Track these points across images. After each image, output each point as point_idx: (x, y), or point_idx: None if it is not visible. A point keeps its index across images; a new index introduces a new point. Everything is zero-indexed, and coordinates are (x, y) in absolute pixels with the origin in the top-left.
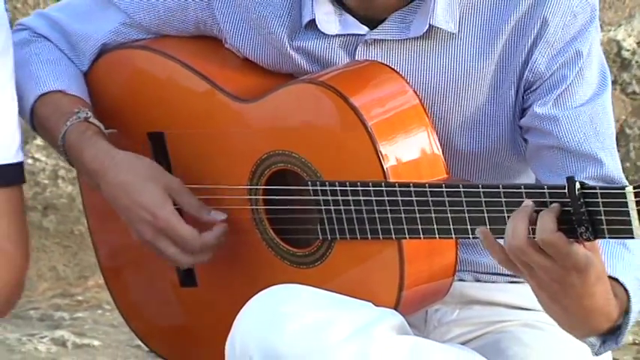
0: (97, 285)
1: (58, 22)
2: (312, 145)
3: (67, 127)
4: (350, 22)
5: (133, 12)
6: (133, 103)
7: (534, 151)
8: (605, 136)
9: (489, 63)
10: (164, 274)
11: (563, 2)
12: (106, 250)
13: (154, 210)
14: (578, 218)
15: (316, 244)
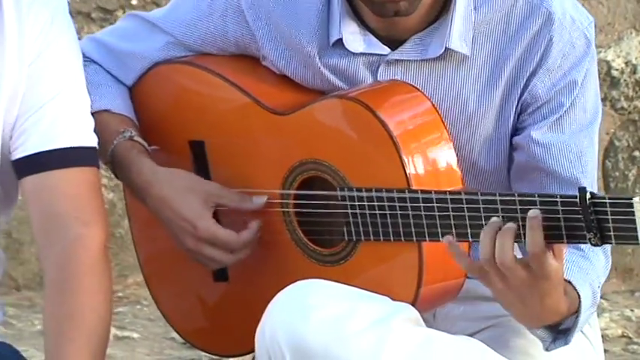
0: (135, 283)
1: (107, 44)
2: (342, 154)
3: (114, 145)
4: (373, 42)
5: (178, 33)
6: (176, 114)
7: (520, 170)
8: (589, 164)
9: (499, 85)
10: (198, 271)
11: (564, 34)
12: (146, 251)
13: (194, 221)
14: (588, 225)
15: (342, 244)
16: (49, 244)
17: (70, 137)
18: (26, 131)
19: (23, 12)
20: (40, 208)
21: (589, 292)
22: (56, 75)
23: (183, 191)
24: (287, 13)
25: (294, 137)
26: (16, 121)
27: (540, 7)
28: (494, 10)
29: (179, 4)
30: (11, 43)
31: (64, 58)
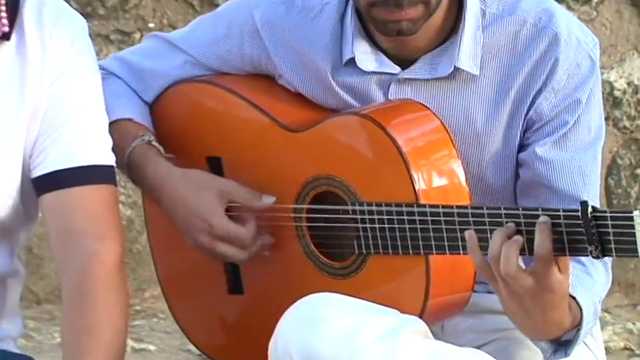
0: (152, 296)
1: (129, 62)
2: (353, 169)
3: (131, 147)
4: (385, 62)
5: (196, 53)
6: (194, 131)
7: (525, 186)
8: (591, 183)
9: (506, 103)
10: (214, 284)
11: (569, 54)
12: (165, 266)
13: (209, 218)
14: (590, 238)
15: (352, 257)
16: (66, 259)
17: (89, 156)
18: (46, 149)
19: (45, 34)
20: (58, 224)
21: (591, 307)
22: (76, 95)
23: (198, 189)
24: (301, 33)
25: (307, 153)
26: (36, 139)
27: (547, 29)
28: (503, 31)
29: (198, 25)
30: (34, 65)
31: (83, 79)
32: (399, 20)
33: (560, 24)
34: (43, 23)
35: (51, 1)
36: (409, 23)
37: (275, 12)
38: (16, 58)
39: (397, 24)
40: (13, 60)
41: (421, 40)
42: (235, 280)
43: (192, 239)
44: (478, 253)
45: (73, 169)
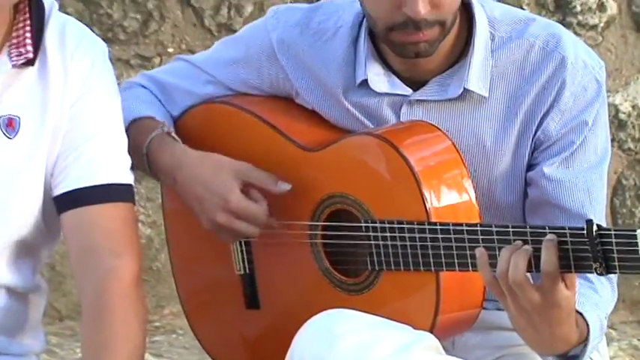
0: (171, 313)
1: (156, 78)
2: (367, 188)
3: (151, 136)
4: (397, 83)
5: (217, 74)
6: (214, 150)
7: (533, 204)
8: (598, 201)
9: (514, 124)
10: (232, 299)
11: (576, 77)
12: (185, 281)
13: (226, 195)
14: (594, 255)
15: (365, 274)
16: (85, 276)
17: (107, 174)
18: (66, 168)
19: (67, 58)
20: (77, 241)
21: (597, 324)
22: (95, 116)
23: (214, 168)
24: (316, 55)
25: (322, 172)
26: (57, 159)
27: (554, 52)
28: (511, 54)
29: (219, 48)
30: (55, 88)
31: (103, 101)
32: (417, 42)
33: (567, 47)
34: (65, 47)
35: (72, 26)
36: (426, 45)
37: (290, 34)
38: (38, 82)
39: (415, 46)
40: (35, 84)
41: (432, 62)
42: (252, 296)
43: (208, 218)
44: (488, 270)
45: (91, 187)
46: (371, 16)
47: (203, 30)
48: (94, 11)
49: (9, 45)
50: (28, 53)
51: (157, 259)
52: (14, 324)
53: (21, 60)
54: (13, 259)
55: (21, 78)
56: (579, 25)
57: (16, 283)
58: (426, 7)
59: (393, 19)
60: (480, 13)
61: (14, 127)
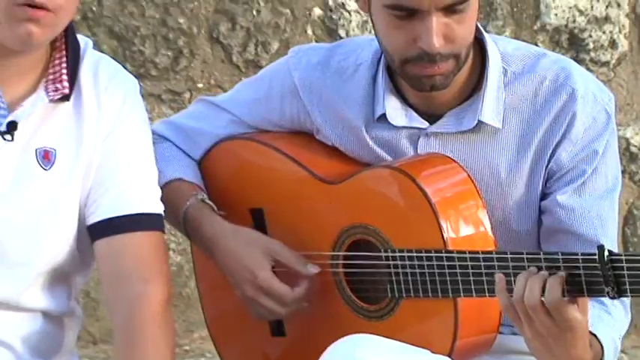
0: (200, 337)
1: (178, 124)
2: (386, 218)
3: (187, 205)
4: (414, 117)
5: (240, 113)
6: (239, 184)
7: (549, 232)
8: (610, 227)
9: (527, 155)
10: (258, 326)
11: (586, 109)
12: (213, 311)
13: (256, 271)
14: (606, 280)
15: (385, 301)
16: (116, 301)
17: (138, 204)
18: (99, 199)
19: (100, 93)
20: (109, 268)
21: (611, 345)
22: (127, 149)
23: (247, 244)
24: (337, 91)
25: (343, 204)
26: (90, 189)
27: (565, 85)
28: (523, 88)
29: (241, 88)
30: (89, 122)
31: (134, 134)
32: (433, 75)
33: (577, 81)
34: (98, 83)
35: (105, 63)
36: (442, 78)
37: (312, 73)
38: (73, 116)
39: (431, 79)
40: (71, 118)
41: (447, 96)
42: (278, 324)
43: (240, 291)
44: (505, 295)
45: (123, 216)
46: (387, 50)
47: (231, 66)
48: (127, 48)
49: (46, 80)
50: (64, 89)
51: (186, 286)
52: (50, 347)
53: (57, 95)
54: (48, 284)
55: (57, 112)
56: (592, 62)
57: (51, 307)
58: (440, 42)
59: (408, 53)
60: (492, 49)
61: (50, 159)
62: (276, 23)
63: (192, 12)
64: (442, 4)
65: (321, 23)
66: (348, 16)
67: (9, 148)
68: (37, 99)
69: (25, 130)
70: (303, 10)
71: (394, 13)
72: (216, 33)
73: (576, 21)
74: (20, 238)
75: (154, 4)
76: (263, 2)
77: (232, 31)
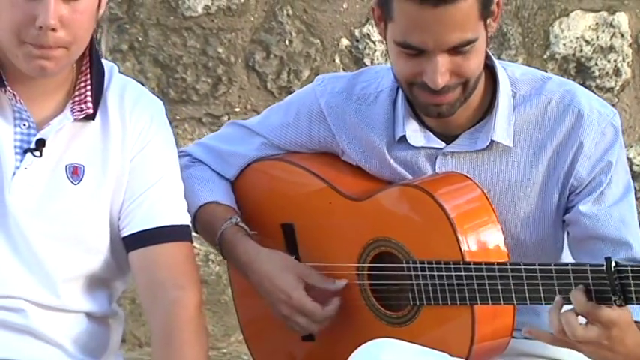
0: (237, 341)
1: (212, 147)
2: (407, 232)
3: (222, 229)
4: (432, 138)
5: (271, 136)
6: (270, 202)
7: (577, 241)
8: (632, 226)
9: (538, 170)
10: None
11: (593, 126)
12: (246, 316)
13: (289, 292)
14: (613, 288)
15: (407, 308)
16: (153, 307)
17: (167, 217)
18: (131, 213)
19: (126, 116)
20: (145, 276)
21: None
22: (154, 167)
23: (281, 268)
24: (360, 117)
25: (367, 219)
26: (122, 204)
27: (570, 106)
28: (531, 109)
29: (270, 113)
30: (115, 141)
31: (160, 153)
32: (439, 104)
33: (581, 101)
34: (124, 106)
35: (132, 87)
36: (448, 106)
37: (337, 100)
38: (100, 135)
39: (438, 107)
40: (98, 137)
41: (461, 118)
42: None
43: (276, 310)
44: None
45: (154, 229)
46: (396, 76)
47: (266, 92)
48: (171, 75)
49: (72, 102)
50: (88, 109)
51: (224, 293)
52: (97, 346)
53: (82, 115)
54: (88, 288)
55: (85, 131)
56: (597, 88)
57: (94, 309)
58: (445, 78)
59: (414, 79)
60: (502, 75)
61: (79, 174)
62: (307, 53)
63: (230, 42)
64: (446, 47)
65: (348, 53)
66: (373, 46)
67: (39, 165)
68: (63, 118)
69: (54, 147)
70: (332, 40)
71: (403, 50)
72: (252, 62)
73: (583, 50)
74: (53, 246)
75: (195, 35)
76: (295, 33)
77: (267, 60)
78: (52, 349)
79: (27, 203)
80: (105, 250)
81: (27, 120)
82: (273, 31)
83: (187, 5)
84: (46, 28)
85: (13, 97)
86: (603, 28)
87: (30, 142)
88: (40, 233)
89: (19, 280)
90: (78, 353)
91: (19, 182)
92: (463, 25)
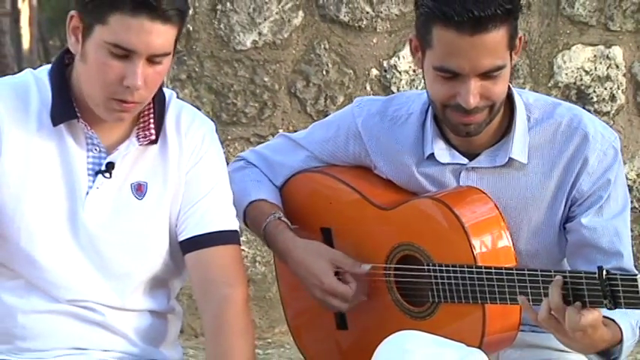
0: (280, 332)
1: (264, 155)
2: (428, 238)
3: (266, 222)
4: (456, 155)
5: (314, 150)
6: (311, 208)
7: (576, 247)
8: (625, 239)
9: (549, 185)
10: (326, 322)
11: (598, 146)
12: (291, 307)
13: (322, 278)
14: (604, 294)
15: (427, 304)
16: (205, 302)
17: (218, 223)
18: (186, 220)
19: (182, 136)
20: (198, 275)
21: (628, 326)
22: (206, 179)
23: (315, 256)
24: (392, 136)
25: (395, 226)
26: (179, 213)
27: (578, 129)
28: (544, 130)
29: (315, 129)
30: (173, 159)
31: (212, 167)
32: (469, 124)
33: (587, 125)
34: (180, 127)
35: (186, 110)
36: (476, 126)
37: (372, 120)
38: (160, 156)
39: (467, 127)
40: (158, 157)
41: (483, 138)
42: (342, 319)
43: (310, 293)
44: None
45: (206, 234)
46: (431, 98)
47: (305, 115)
48: (223, 101)
49: (137, 129)
50: (151, 136)
51: (269, 290)
52: (157, 336)
53: (146, 141)
54: (149, 289)
55: (147, 154)
56: (595, 112)
57: (154, 307)
58: (476, 100)
59: (448, 102)
60: (518, 100)
61: (142, 190)
62: (341, 81)
63: (275, 72)
64: (480, 71)
65: (377, 81)
66: (399, 76)
67: (108, 184)
68: (129, 144)
69: (121, 168)
70: (363, 70)
71: (440, 74)
72: (294, 89)
73: (583, 79)
74: (122, 254)
75: (244, 65)
76: (331, 64)
77: (306, 88)
78: (118, 339)
79: (98, 218)
80: (165, 253)
81: (98, 145)
82: (312, 63)
83: (238, 40)
84: (133, 88)
85: (85, 127)
86: (600, 60)
87: (101, 164)
88: (110, 244)
89: (92, 285)
90: (140, 343)
91: (91, 200)
92: (495, 52)
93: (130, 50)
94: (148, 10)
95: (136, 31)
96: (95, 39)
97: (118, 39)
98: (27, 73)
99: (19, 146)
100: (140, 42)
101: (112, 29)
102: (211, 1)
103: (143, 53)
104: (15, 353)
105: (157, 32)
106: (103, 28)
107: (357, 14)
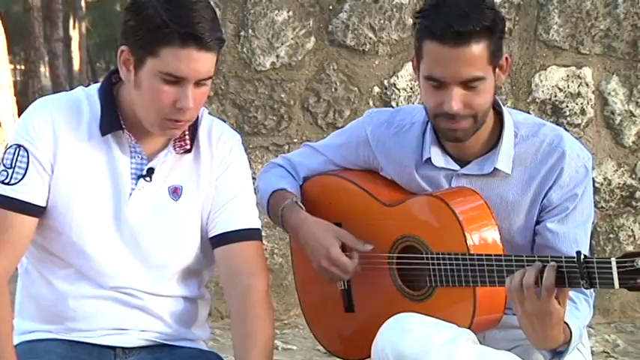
0: (295, 314)
1: (289, 159)
2: (427, 230)
3: (284, 205)
4: (450, 161)
5: (330, 155)
6: (325, 205)
7: (540, 247)
8: (583, 248)
9: (528, 194)
10: (335, 305)
11: (572, 164)
12: (304, 293)
13: (328, 248)
14: (582, 275)
15: (425, 288)
16: (231, 290)
17: (243, 222)
18: (216, 219)
19: (212, 147)
20: (226, 267)
21: (577, 331)
22: (233, 184)
23: (323, 230)
24: (397, 142)
25: (398, 220)
26: (209, 213)
27: (558, 147)
28: (528, 147)
29: (332, 137)
30: (205, 166)
31: (238, 173)
32: (455, 130)
33: (566, 145)
34: (211, 139)
35: (216, 124)
36: (462, 132)
37: (380, 129)
38: (193, 163)
39: (454, 132)
40: (192, 164)
41: (474, 148)
42: (349, 303)
43: (316, 262)
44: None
45: (233, 231)
46: (425, 107)
47: (317, 127)
48: (245, 115)
49: (174, 140)
50: (186, 146)
51: (285, 279)
52: (188, 319)
53: (182, 150)
54: (183, 278)
55: (183, 161)
56: (568, 124)
57: (186, 294)
58: (458, 106)
59: (437, 110)
60: (508, 118)
61: (178, 193)
62: (348, 97)
63: (290, 89)
64: (460, 79)
65: (379, 97)
66: (398, 93)
67: (149, 187)
68: (167, 152)
69: (160, 173)
70: (367, 88)
71: (429, 82)
72: (307, 104)
73: (557, 96)
74: (160, 248)
75: (264, 84)
76: (339, 83)
77: (318, 103)
78: (155, 321)
79: (140, 216)
80: (197, 248)
81: (140, 153)
82: (322, 81)
83: (258, 62)
84: (185, 109)
85: (129, 137)
86: (572, 79)
87: (142, 169)
88: (149, 238)
89: (133, 274)
90: (174, 324)
91: (134, 201)
92: (474, 63)
93: (181, 77)
94: (194, 42)
95: (185, 60)
96: (148, 69)
97: (170, 68)
98: (79, 90)
99: (72, 153)
100: (189, 70)
101: (164, 60)
102: (235, 28)
103: (192, 79)
104: (65, 332)
105: (203, 60)
106: (154, 60)
107: (361, 39)
